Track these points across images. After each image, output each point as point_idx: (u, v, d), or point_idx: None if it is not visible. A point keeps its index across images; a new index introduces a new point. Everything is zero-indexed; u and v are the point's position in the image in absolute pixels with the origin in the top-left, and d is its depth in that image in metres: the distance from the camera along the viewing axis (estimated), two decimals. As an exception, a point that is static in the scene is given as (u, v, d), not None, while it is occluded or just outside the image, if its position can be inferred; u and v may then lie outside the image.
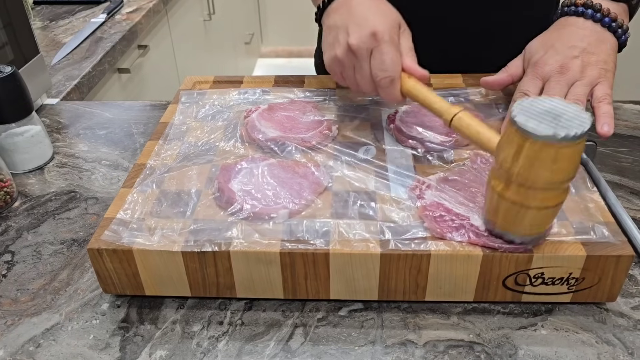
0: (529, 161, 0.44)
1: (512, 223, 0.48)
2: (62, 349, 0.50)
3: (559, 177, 0.44)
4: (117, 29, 1.32)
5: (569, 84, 0.62)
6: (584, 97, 0.61)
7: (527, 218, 0.47)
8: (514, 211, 0.47)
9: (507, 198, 0.47)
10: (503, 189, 0.47)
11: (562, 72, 0.62)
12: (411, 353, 0.49)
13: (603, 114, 0.60)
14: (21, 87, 0.72)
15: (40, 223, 0.65)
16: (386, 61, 0.58)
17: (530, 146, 0.43)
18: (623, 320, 0.51)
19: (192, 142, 0.66)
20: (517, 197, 0.46)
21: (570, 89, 0.62)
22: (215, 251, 0.50)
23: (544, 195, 0.46)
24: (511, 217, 0.48)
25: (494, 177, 0.48)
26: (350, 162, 0.61)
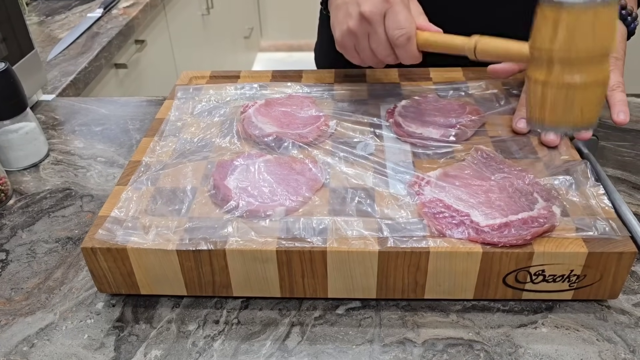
0: (568, 33, 0.43)
1: (563, 112, 0.46)
2: (56, 349, 0.50)
3: (600, 43, 0.44)
4: (113, 23, 1.31)
5: None
6: None
7: (577, 100, 0.45)
8: (562, 96, 0.45)
9: (552, 83, 0.45)
10: (546, 76, 0.46)
11: None
12: (409, 352, 0.48)
13: (618, 102, 0.59)
14: (15, 84, 0.71)
15: (35, 221, 0.65)
16: (401, 20, 0.58)
17: (567, 16, 0.43)
18: (625, 317, 0.51)
19: (187, 139, 0.65)
20: (562, 77, 0.45)
21: None
22: (210, 250, 0.49)
23: (588, 69, 0.45)
24: (560, 104, 0.46)
25: (534, 69, 0.47)
26: (348, 158, 0.60)
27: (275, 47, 3.35)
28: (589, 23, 0.43)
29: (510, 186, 0.54)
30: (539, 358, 0.47)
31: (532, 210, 0.50)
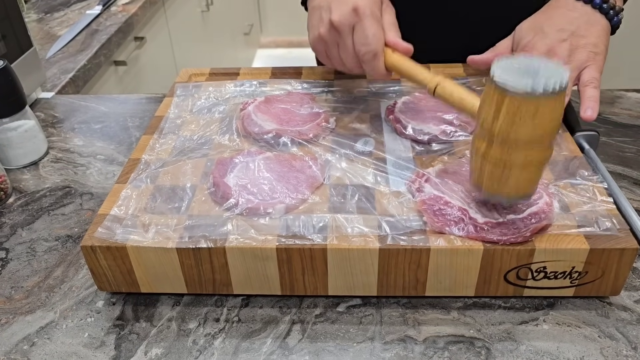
0: (510, 117, 0.44)
1: (498, 184, 0.47)
2: (56, 347, 0.50)
3: (540, 132, 0.44)
4: (112, 20, 1.31)
5: None
6: (570, 83, 0.61)
7: (512, 177, 0.46)
8: (499, 171, 0.47)
9: (490, 158, 0.47)
10: (486, 150, 0.47)
11: (550, 56, 0.61)
12: (410, 349, 0.48)
13: (587, 98, 0.59)
14: (13, 82, 0.71)
15: (35, 219, 0.65)
16: (368, 36, 0.57)
17: (510, 102, 0.43)
18: (626, 314, 0.50)
19: (187, 136, 0.65)
20: (501, 155, 0.46)
21: None
22: (210, 247, 0.49)
23: (526, 153, 0.45)
24: (496, 177, 0.47)
25: (477, 139, 0.48)
26: (349, 155, 0.60)
27: (275, 44, 3.34)
28: (530, 112, 0.43)
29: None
30: (541, 355, 0.47)
31: (531, 206, 0.50)
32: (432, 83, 0.56)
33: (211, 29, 2.24)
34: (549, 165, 0.57)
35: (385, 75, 0.61)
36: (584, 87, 0.61)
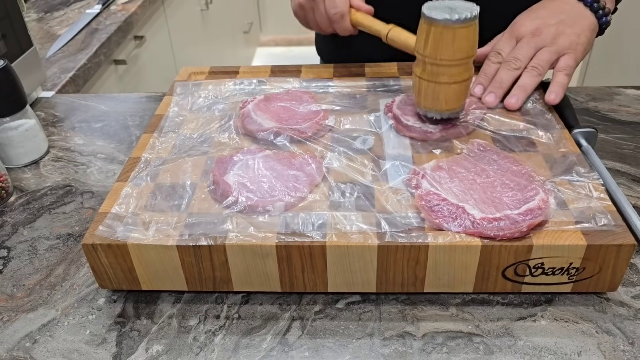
0: (435, 43, 0.57)
1: (431, 100, 0.60)
2: (58, 344, 0.50)
3: (460, 54, 0.57)
4: (112, 19, 1.31)
5: (538, 47, 0.67)
6: (547, 64, 0.66)
7: (442, 93, 0.59)
8: (431, 89, 0.60)
9: (424, 78, 0.60)
10: (421, 72, 0.60)
11: (535, 34, 0.67)
12: (409, 345, 0.48)
13: (556, 83, 0.65)
14: (14, 81, 0.71)
15: (36, 218, 0.65)
16: (336, 0, 0.69)
17: (435, 30, 0.57)
18: (623, 309, 0.51)
19: (187, 134, 0.65)
20: (431, 75, 0.59)
21: (537, 52, 0.66)
22: (210, 245, 0.50)
23: (450, 71, 0.58)
24: (429, 94, 0.60)
25: (415, 66, 0.61)
26: (347, 153, 0.60)
27: (275, 42, 3.34)
28: (450, 38, 0.56)
29: (507, 178, 0.54)
30: (538, 350, 0.48)
31: (528, 203, 0.50)
32: (385, 30, 0.66)
33: (211, 27, 2.24)
34: (545, 162, 0.57)
35: (351, 31, 0.71)
36: (557, 72, 0.66)
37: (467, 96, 0.62)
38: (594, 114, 0.78)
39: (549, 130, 0.62)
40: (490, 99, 0.66)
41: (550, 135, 0.61)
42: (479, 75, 0.69)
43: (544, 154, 0.58)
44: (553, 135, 0.61)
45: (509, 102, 0.65)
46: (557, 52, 0.66)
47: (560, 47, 0.66)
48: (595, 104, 0.80)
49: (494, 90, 0.66)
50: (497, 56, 0.68)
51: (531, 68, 0.66)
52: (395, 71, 0.76)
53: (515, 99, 0.65)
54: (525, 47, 0.67)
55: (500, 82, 0.66)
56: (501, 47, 0.68)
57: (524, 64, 0.66)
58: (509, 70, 0.66)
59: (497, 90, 0.66)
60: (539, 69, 0.65)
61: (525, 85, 0.65)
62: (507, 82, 0.66)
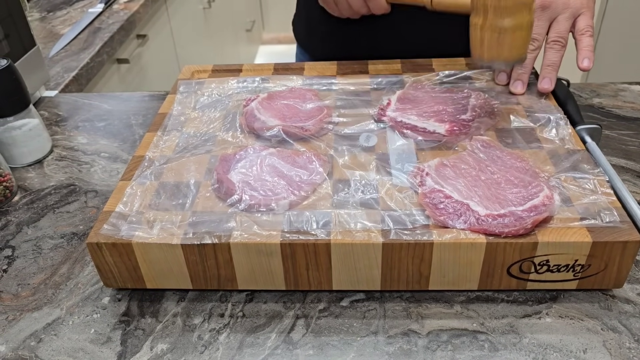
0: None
1: (496, 49, 0.59)
2: (63, 343, 0.50)
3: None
4: (115, 18, 1.31)
5: (551, 19, 0.66)
6: (566, 34, 0.65)
7: (506, 40, 0.58)
8: (495, 37, 0.58)
9: (486, 27, 0.58)
10: (483, 22, 0.58)
11: (545, 6, 0.66)
12: (414, 343, 0.48)
13: (584, 48, 0.64)
14: (17, 80, 0.71)
15: (40, 217, 0.65)
16: None
17: None
18: (629, 306, 0.51)
19: (190, 133, 0.65)
20: (494, 22, 0.58)
21: (553, 24, 0.66)
22: (215, 243, 0.50)
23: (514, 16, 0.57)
24: (494, 43, 0.58)
25: (474, 17, 0.60)
26: (351, 151, 0.60)
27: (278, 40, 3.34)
28: None
29: (511, 175, 0.54)
30: (543, 348, 0.47)
31: (532, 200, 0.50)
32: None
33: (213, 25, 2.24)
34: (550, 158, 0.57)
35: (386, 8, 0.69)
36: (580, 35, 0.65)
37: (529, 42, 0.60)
38: (599, 110, 0.77)
39: (553, 126, 0.62)
40: (518, 87, 0.65)
41: (555, 132, 0.61)
42: None
43: (549, 151, 0.58)
44: (557, 132, 0.61)
45: (543, 85, 0.64)
46: (572, 15, 0.65)
47: (574, 9, 0.65)
48: (600, 100, 0.80)
49: (520, 77, 0.65)
50: None
51: (553, 43, 0.65)
52: (398, 69, 0.76)
53: (547, 81, 0.64)
54: (538, 23, 0.65)
55: (524, 66, 0.65)
56: None
57: (541, 42, 0.65)
58: (529, 53, 0.65)
59: (523, 76, 0.65)
60: (561, 41, 0.64)
61: (554, 63, 0.64)
62: (530, 65, 0.65)
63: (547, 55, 0.65)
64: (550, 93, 0.68)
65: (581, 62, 0.63)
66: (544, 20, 0.65)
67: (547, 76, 0.64)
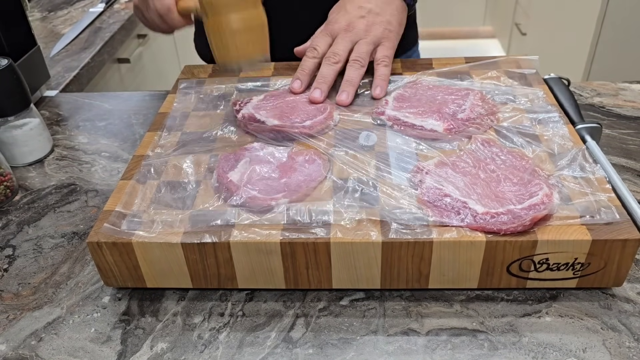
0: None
1: (223, 50, 0.60)
2: (63, 342, 0.50)
3: None
4: (115, 18, 1.31)
5: (354, 41, 0.69)
6: (367, 55, 0.69)
7: (231, 41, 0.59)
8: (218, 38, 0.59)
9: (210, 28, 0.59)
10: (207, 23, 0.59)
11: (348, 29, 0.70)
12: (414, 342, 0.48)
13: (378, 77, 0.69)
14: (18, 80, 0.71)
15: (41, 216, 0.65)
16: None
17: None
18: (629, 305, 0.51)
19: (190, 132, 0.65)
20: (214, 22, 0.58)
21: (355, 46, 0.69)
22: (215, 242, 0.50)
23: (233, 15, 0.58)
24: (221, 45, 0.59)
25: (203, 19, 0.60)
26: (351, 150, 0.60)
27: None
28: None
29: (511, 174, 0.54)
30: (543, 347, 0.47)
31: (532, 198, 0.50)
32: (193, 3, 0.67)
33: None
34: (549, 156, 0.57)
35: (181, 22, 0.72)
36: (377, 64, 0.69)
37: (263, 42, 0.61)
38: (599, 110, 0.77)
39: (553, 125, 0.62)
40: (316, 95, 0.67)
41: (555, 131, 0.61)
42: (297, 71, 0.70)
43: (548, 149, 0.58)
44: (557, 131, 0.61)
45: (340, 98, 0.67)
46: (373, 42, 0.69)
47: (375, 37, 0.69)
48: (600, 99, 0.80)
49: (319, 86, 0.68)
50: (314, 51, 0.70)
51: (353, 61, 0.68)
52: (398, 67, 0.76)
53: (345, 95, 0.67)
54: (342, 42, 0.69)
55: (323, 77, 0.68)
56: (317, 44, 0.70)
57: (343, 58, 0.69)
58: (330, 65, 0.68)
59: (322, 85, 0.68)
60: (360, 60, 0.68)
61: (352, 79, 0.68)
62: (330, 76, 0.68)
63: (348, 72, 0.68)
64: (550, 92, 0.68)
65: (374, 90, 0.68)
66: (348, 41, 0.69)
67: (345, 90, 0.68)
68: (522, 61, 0.74)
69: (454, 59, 0.76)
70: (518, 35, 2.72)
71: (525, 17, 2.62)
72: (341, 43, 0.69)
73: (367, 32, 0.70)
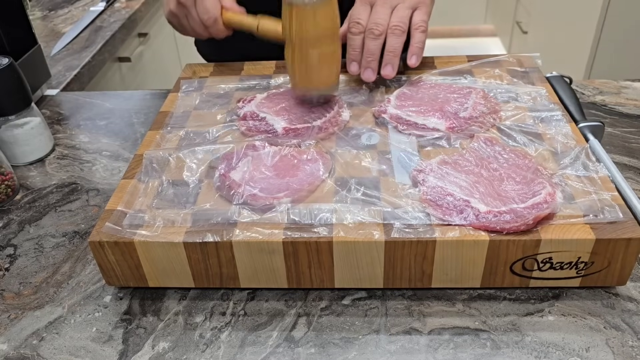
0: (298, 23, 0.59)
1: (306, 79, 0.63)
2: (65, 342, 0.50)
3: (321, 30, 0.60)
4: (116, 17, 1.31)
5: (392, 7, 0.68)
6: (406, 19, 0.67)
7: (314, 71, 0.62)
8: (303, 68, 0.62)
9: (295, 59, 0.61)
10: (292, 54, 0.62)
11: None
12: (416, 341, 0.48)
13: (415, 44, 0.67)
14: (19, 79, 0.71)
15: (42, 216, 0.65)
16: (207, 6, 0.70)
17: (296, 12, 0.59)
18: (632, 304, 0.50)
19: (192, 131, 0.65)
20: (300, 54, 0.61)
21: (394, 11, 0.68)
22: (217, 241, 0.50)
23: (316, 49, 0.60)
24: (303, 74, 0.62)
25: (286, 50, 0.63)
26: (353, 148, 0.60)
27: (279, 38, 3.33)
28: (310, 16, 0.59)
29: (514, 172, 0.53)
30: (546, 346, 0.47)
31: (535, 197, 0.50)
32: (255, 22, 0.68)
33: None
34: (552, 155, 0.57)
35: (225, 32, 0.72)
36: (414, 30, 0.68)
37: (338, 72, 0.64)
38: (601, 108, 0.77)
39: (555, 124, 0.61)
40: (368, 75, 0.67)
41: (557, 129, 0.61)
42: (348, 51, 0.69)
43: (551, 148, 0.58)
44: (560, 129, 0.60)
45: (385, 72, 0.66)
46: (411, 7, 0.68)
47: (412, 2, 0.68)
48: (603, 97, 0.80)
49: (369, 64, 0.67)
50: (357, 26, 0.68)
51: (394, 28, 0.67)
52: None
53: (390, 68, 0.66)
54: (381, 9, 0.67)
55: (371, 54, 0.67)
56: (358, 16, 0.68)
57: (385, 28, 0.67)
58: (374, 39, 0.66)
59: (371, 63, 0.67)
60: (401, 26, 0.66)
61: (394, 49, 0.66)
62: (377, 51, 0.67)
63: (389, 41, 0.66)
64: (552, 90, 0.68)
65: (409, 59, 0.67)
66: (387, 8, 0.68)
67: (389, 62, 0.67)
68: (524, 59, 0.74)
69: (456, 58, 0.76)
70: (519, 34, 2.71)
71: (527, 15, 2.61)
72: (381, 11, 0.67)
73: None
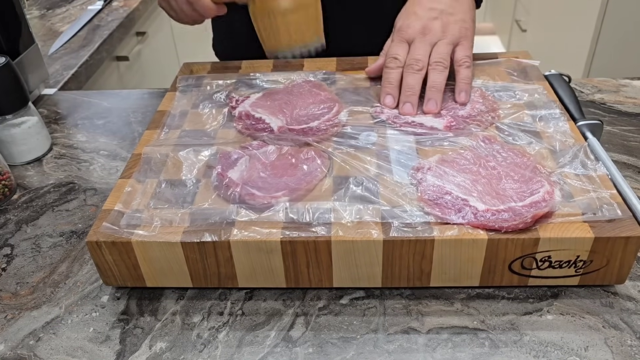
0: None
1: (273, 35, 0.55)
2: (62, 342, 0.50)
3: None
4: (114, 16, 1.31)
5: (432, 44, 0.66)
6: (447, 55, 0.65)
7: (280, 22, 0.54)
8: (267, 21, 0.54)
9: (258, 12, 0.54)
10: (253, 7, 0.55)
11: (424, 32, 0.67)
12: (414, 341, 0.48)
13: (461, 80, 0.65)
14: (16, 78, 0.71)
15: (39, 215, 0.65)
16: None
17: None
18: (631, 303, 0.50)
19: (190, 130, 0.64)
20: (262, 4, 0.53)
21: (434, 47, 0.66)
22: (215, 241, 0.49)
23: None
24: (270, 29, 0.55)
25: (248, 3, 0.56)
26: (351, 148, 0.59)
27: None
28: None
29: (512, 171, 0.53)
30: (545, 346, 0.47)
31: (533, 195, 0.50)
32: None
33: (213, 23, 2.23)
34: (551, 153, 0.57)
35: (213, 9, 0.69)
36: (458, 66, 0.66)
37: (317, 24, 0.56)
38: (600, 106, 0.77)
39: (554, 122, 0.61)
40: (407, 109, 0.64)
41: (556, 128, 0.60)
42: (384, 85, 0.67)
43: (550, 146, 0.58)
44: (558, 128, 0.60)
45: (429, 107, 0.64)
46: (451, 42, 0.66)
47: (453, 37, 0.66)
48: (602, 95, 0.79)
49: (408, 99, 0.64)
50: (395, 61, 0.66)
51: (435, 64, 0.65)
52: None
53: (433, 103, 0.64)
54: (421, 46, 0.66)
55: (410, 88, 0.65)
56: (396, 52, 0.67)
57: (425, 64, 0.65)
58: (414, 74, 0.65)
59: (411, 97, 0.64)
60: (443, 62, 0.65)
61: (437, 84, 0.64)
62: (417, 86, 0.65)
63: (431, 77, 0.65)
64: (551, 88, 0.68)
65: (458, 95, 0.65)
66: (426, 44, 0.66)
67: (432, 98, 0.64)
68: (522, 57, 0.74)
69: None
70: (518, 32, 2.71)
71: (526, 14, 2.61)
72: (420, 47, 0.66)
73: (445, 33, 0.66)
